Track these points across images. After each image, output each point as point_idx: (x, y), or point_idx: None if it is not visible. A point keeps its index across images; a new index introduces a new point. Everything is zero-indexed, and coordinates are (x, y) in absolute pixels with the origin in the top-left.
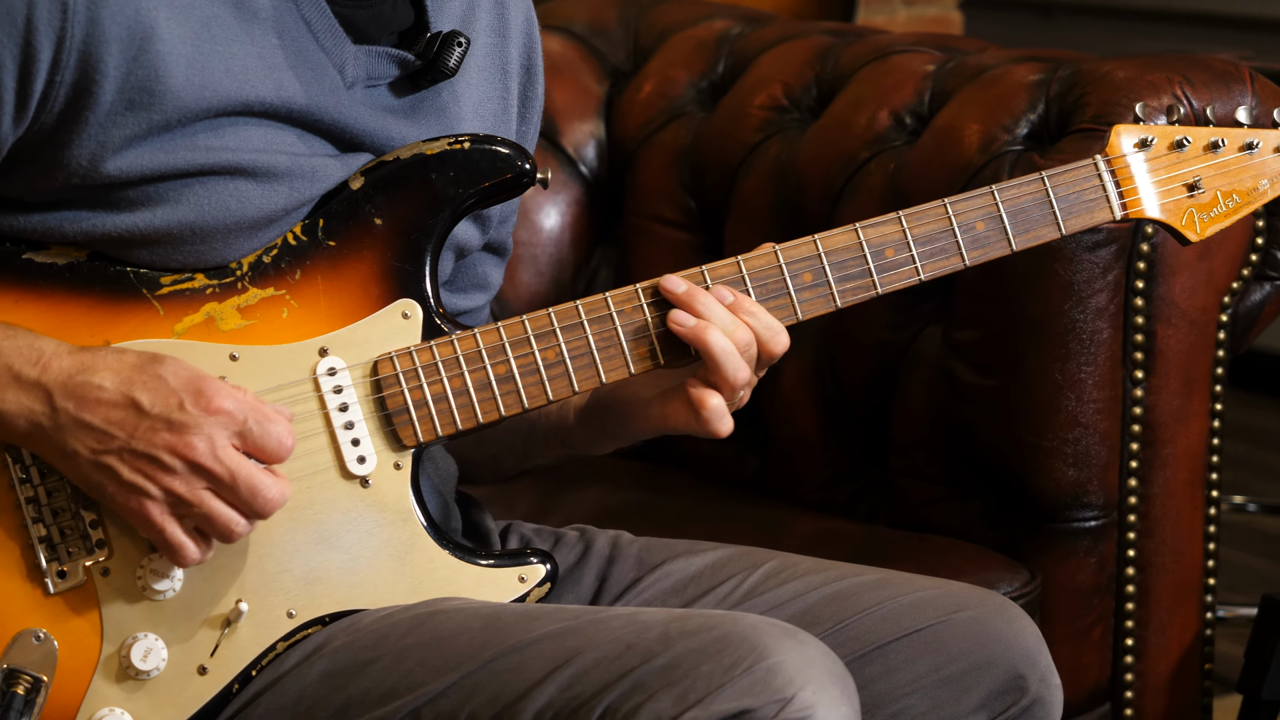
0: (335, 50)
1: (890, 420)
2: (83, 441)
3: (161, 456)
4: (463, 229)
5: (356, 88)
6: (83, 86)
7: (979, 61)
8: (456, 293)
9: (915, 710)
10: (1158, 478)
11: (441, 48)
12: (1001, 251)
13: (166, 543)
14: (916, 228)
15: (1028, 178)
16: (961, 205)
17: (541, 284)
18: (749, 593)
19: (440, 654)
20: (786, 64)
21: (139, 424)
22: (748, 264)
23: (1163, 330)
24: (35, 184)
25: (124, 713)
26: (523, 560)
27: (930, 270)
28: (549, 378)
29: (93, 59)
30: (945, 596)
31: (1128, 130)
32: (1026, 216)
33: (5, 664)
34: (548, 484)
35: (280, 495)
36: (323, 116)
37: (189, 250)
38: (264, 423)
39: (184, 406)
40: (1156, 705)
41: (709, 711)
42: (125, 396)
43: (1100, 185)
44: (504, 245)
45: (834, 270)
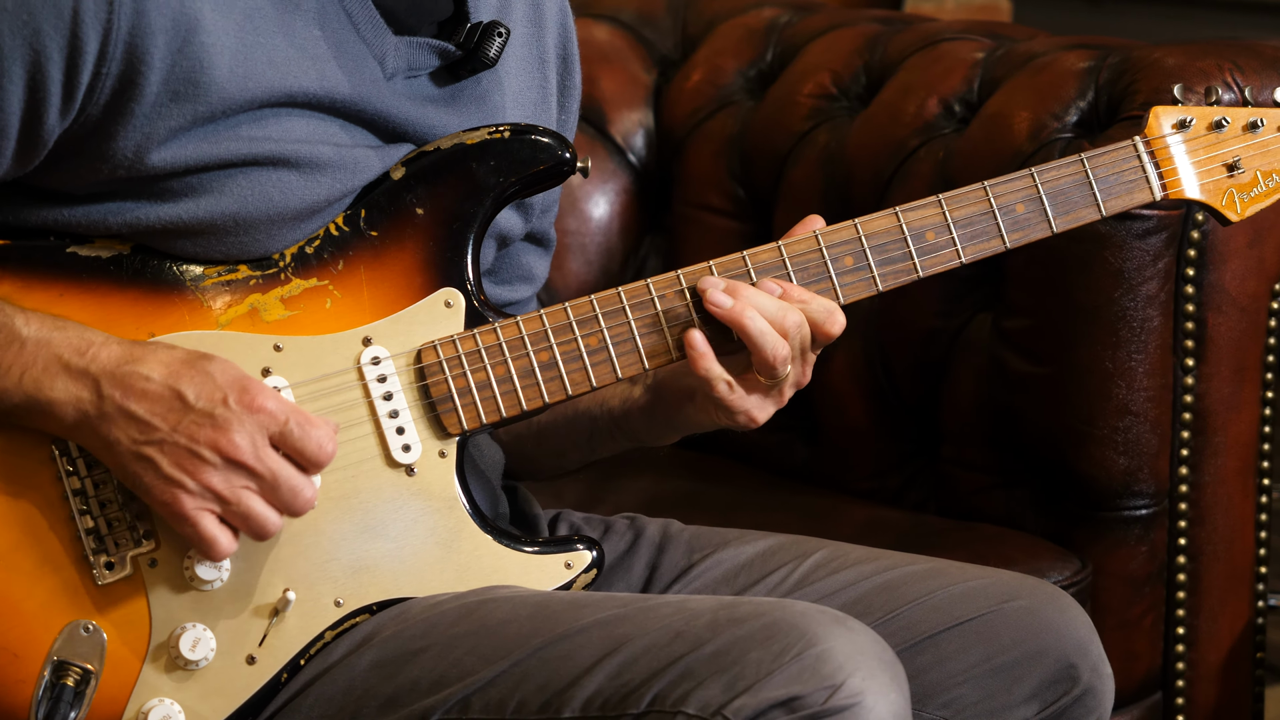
0: (376, 41)
1: (940, 409)
2: (125, 431)
3: (202, 451)
4: (505, 217)
5: (397, 78)
6: (128, 78)
7: (1028, 49)
8: (501, 284)
9: (967, 700)
10: (1209, 466)
11: (482, 38)
12: (1042, 233)
13: (199, 536)
14: (956, 210)
15: (1067, 159)
16: (1001, 187)
17: (590, 273)
18: (800, 582)
19: (489, 642)
20: (835, 52)
21: (182, 417)
22: (788, 249)
23: (1213, 318)
24: (80, 175)
25: (174, 703)
26: (569, 547)
27: (971, 252)
28: (592, 364)
29: (139, 51)
30: (996, 586)
31: (1166, 111)
32: (1066, 198)
33: (55, 656)
34: (597, 473)
35: (314, 496)
36: (365, 107)
37: (232, 241)
38: (306, 427)
39: (228, 403)
40: (1208, 694)
41: (758, 698)
42: (171, 389)
43: (1140, 166)
44: (547, 236)
45: (874, 253)
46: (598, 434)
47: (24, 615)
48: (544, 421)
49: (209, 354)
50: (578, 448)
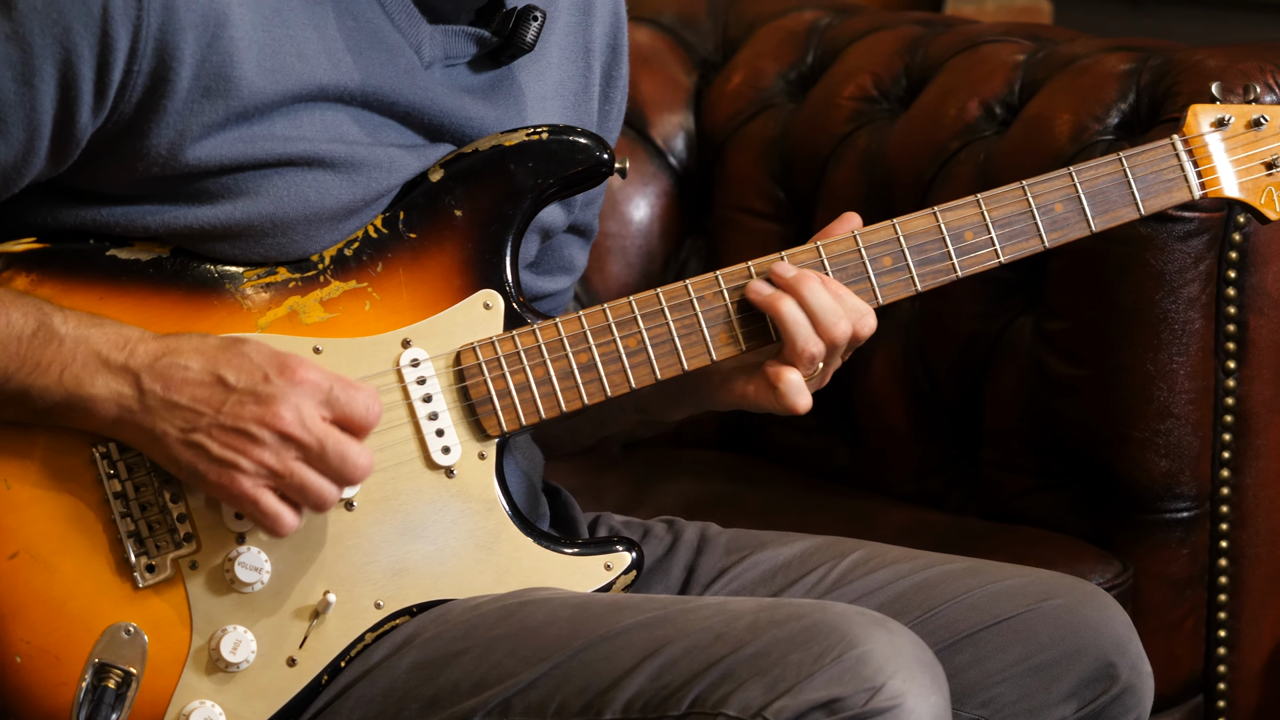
0: (411, 30)
1: (981, 411)
2: (171, 422)
3: (250, 429)
4: (547, 212)
5: (434, 67)
6: (160, 75)
7: (1069, 51)
8: (542, 275)
9: (1005, 699)
10: (1250, 468)
11: (518, 23)
12: (1081, 232)
13: (262, 513)
14: (995, 210)
15: (1105, 159)
16: (1040, 187)
17: (631, 275)
18: (837, 581)
19: (530, 644)
20: (876, 55)
21: (226, 399)
22: (827, 249)
23: (1255, 320)
24: (117, 174)
25: (215, 705)
26: (608, 548)
27: (1010, 252)
28: (631, 365)
29: (169, 47)
30: (1035, 584)
31: (1204, 110)
32: (1105, 197)
33: (96, 658)
34: (636, 475)
35: (369, 462)
36: (399, 98)
37: (270, 243)
38: (349, 390)
39: (269, 379)
40: (1250, 697)
41: (798, 700)
42: (211, 374)
43: (1178, 165)
44: (589, 227)
45: (913, 254)
46: (609, 409)
47: (65, 618)
48: None
49: (242, 336)
50: (590, 422)
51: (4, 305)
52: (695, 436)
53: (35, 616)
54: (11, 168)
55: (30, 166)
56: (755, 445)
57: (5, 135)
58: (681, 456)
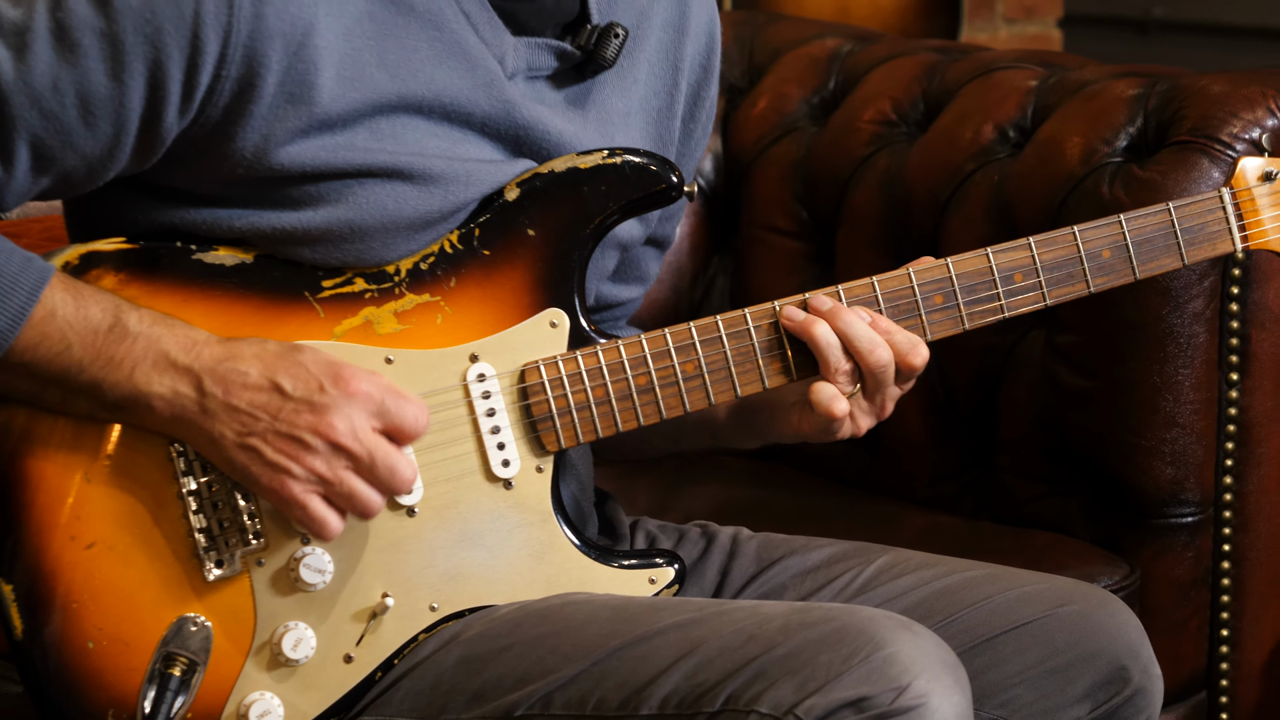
0: (495, 42)
1: (995, 421)
2: (229, 425)
3: (304, 436)
4: (624, 227)
5: (517, 79)
6: (248, 81)
7: (1079, 77)
8: (618, 284)
9: (1023, 700)
10: (1252, 475)
11: (600, 39)
12: (1125, 280)
13: (309, 517)
14: (1046, 254)
15: (1154, 208)
16: (1090, 233)
17: (661, 291)
18: (864, 586)
19: (571, 642)
20: (895, 80)
21: (282, 406)
22: (882, 284)
23: (1257, 334)
24: (203, 174)
25: (274, 697)
26: (652, 562)
27: (1056, 296)
28: (687, 390)
29: (257, 54)
30: (1051, 591)
31: (1253, 162)
32: (1151, 246)
33: (164, 647)
34: (668, 480)
35: (414, 474)
36: (476, 109)
37: (348, 249)
38: (400, 402)
39: (324, 389)
40: (1251, 694)
41: (828, 699)
42: (269, 381)
43: (1224, 217)
44: (668, 239)
45: (964, 294)
46: (685, 430)
47: (137, 607)
48: None
49: (300, 344)
50: (663, 439)
51: (84, 299)
52: None
53: (109, 605)
54: (97, 160)
55: (115, 161)
56: (781, 452)
57: (93, 128)
58: (709, 462)
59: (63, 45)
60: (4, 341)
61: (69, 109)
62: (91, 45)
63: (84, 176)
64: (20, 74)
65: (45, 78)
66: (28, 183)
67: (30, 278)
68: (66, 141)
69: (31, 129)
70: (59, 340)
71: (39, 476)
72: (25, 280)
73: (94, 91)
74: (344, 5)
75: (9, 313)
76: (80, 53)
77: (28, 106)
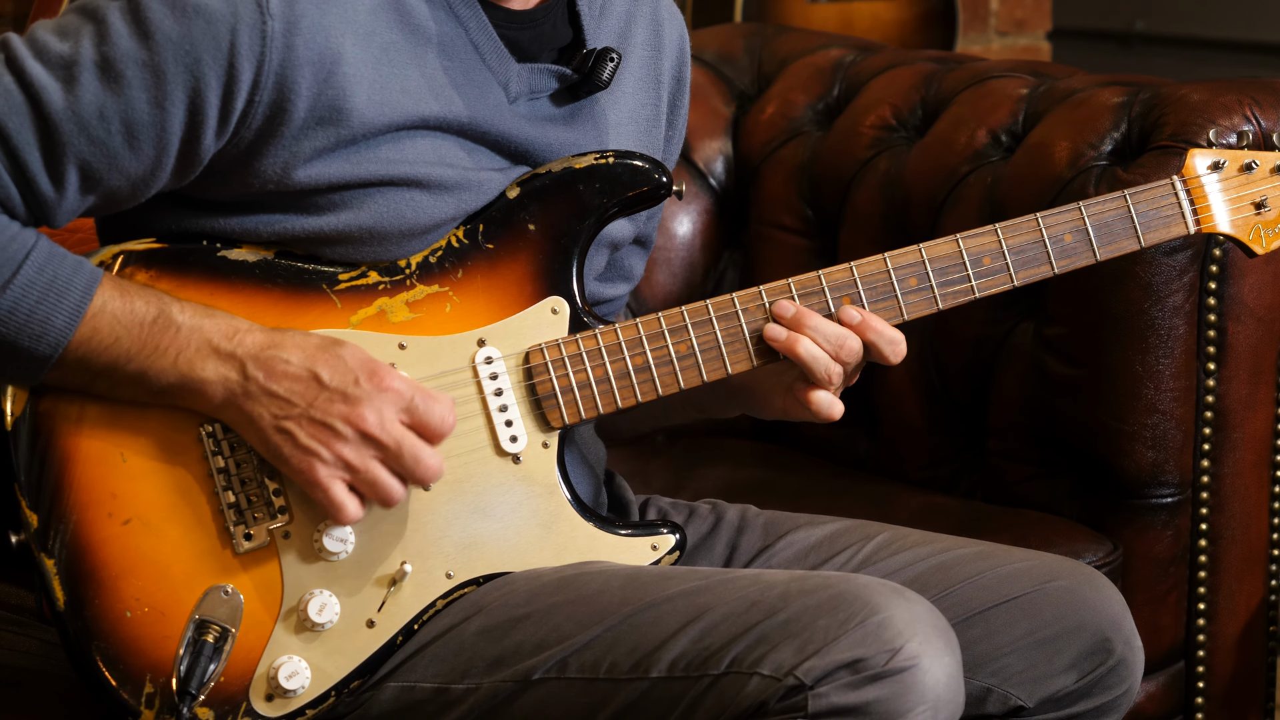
0: (501, 69)
1: (987, 407)
2: (267, 408)
3: (336, 425)
4: (615, 227)
5: (520, 101)
6: (279, 106)
7: (1068, 85)
8: (605, 283)
9: (1013, 669)
10: (1228, 459)
11: (596, 63)
12: (1087, 261)
13: (331, 501)
14: (1011, 239)
15: (1111, 195)
16: (1052, 219)
17: (675, 284)
18: (864, 561)
19: (585, 610)
20: (895, 88)
21: (319, 395)
22: (859, 269)
23: (1233, 327)
24: (232, 188)
25: (301, 660)
26: (655, 531)
27: (1023, 277)
28: (680, 368)
29: (288, 81)
30: (1040, 567)
31: (1202, 153)
32: (1110, 230)
33: (198, 615)
34: (679, 462)
35: (439, 467)
36: (489, 129)
37: (367, 250)
38: (429, 401)
39: (359, 383)
40: (1226, 664)
41: (826, 660)
42: (309, 371)
43: (1176, 203)
44: (650, 238)
45: (936, 276)
46: (671, 404)
47: (171, 578)
48: None
49: (340, 339)
50: (651, 416)
51: (129, 294)
52: (731, 427)
53: (145, 576)
54: (140, 179)
55: (157, 180)
56: (785, 435)
57: (137, 150)
58: (719, 445)
59: (108, 76)
60: (63, 338)
61: (114, 135)
62: (135, 76)
63: (128, 195)
64: (69, 104)
65: (92, 106)
66: (76, 202)
67: (83, 279)
68: (112, 165)
69: (80, 154)
70: (109, 334)
71: (79, 458)
72: (79, 281)
73: (137, 118)
74: (371, 38)
75: (66, 311)
76: (124, 83)
77: (76, 133)
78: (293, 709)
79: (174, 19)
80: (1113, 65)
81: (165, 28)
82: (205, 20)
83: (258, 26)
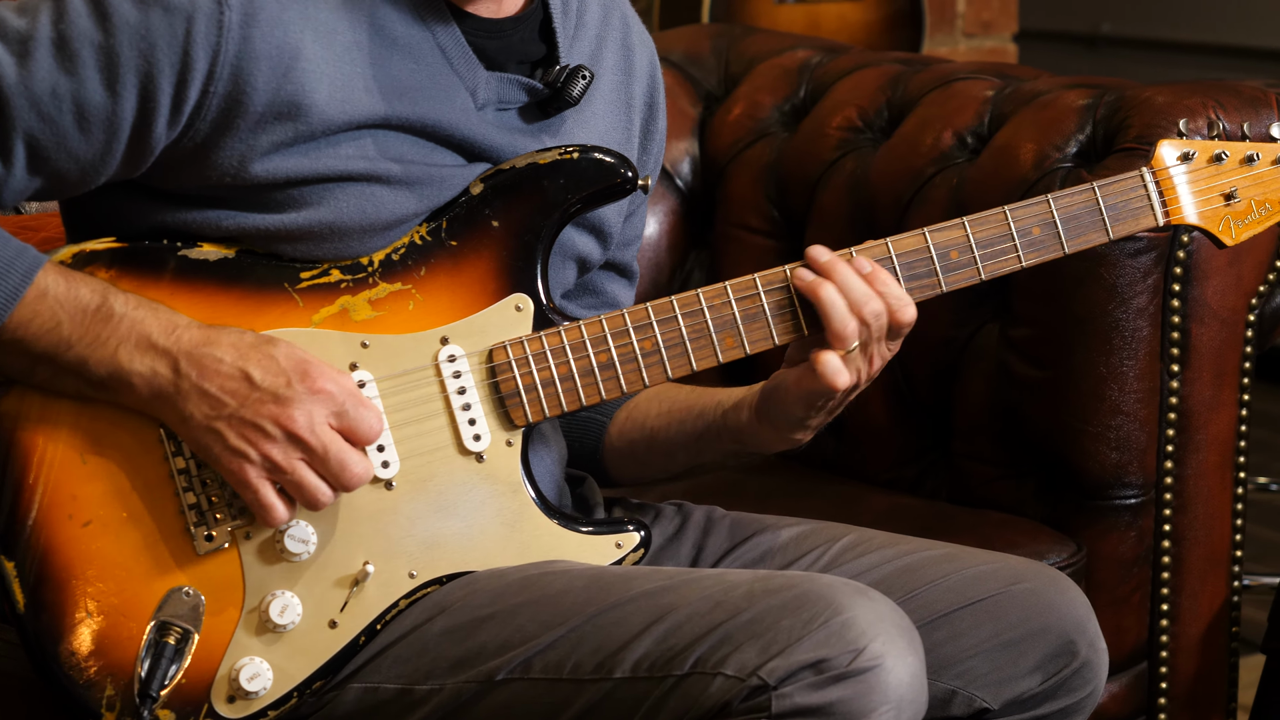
0: (468, 75)
1: (952, 408)
2: (199, 407)
3: (265, 425)
4: (582, 241)
5: (488, 109)
6: (234, 98)
7: (1033, 87)
8: (589, 310)
9: (978, 671)
10: (1191, 460)
11: (568, 79)
12: (1055, 254)
13: (259, 502)
14: (979, 232)
15: (1080, 187)
16: (1020, 212)
17: (642, 284)
18: (830, 563)
19: (549, 610)
20: (861, 90)
21: (249, 395)
22: None
23: (1196, 328)
24: (191, 180)
25: (263, 661)
26: (620, 528)
27: (990, 270)
28: (645, 365)
29: (244, 73)
30: (1005, 570)
31: (1171, 144)
32: (1078, 222)
33: (159, 616)
34: None
35: (365, 472)
36: (453, 132)
37: (329, 247)
38: (359, 407)
39: (290, 384)
40: (1189, 664)
41: (789, 661)
42: (240, 370)
43: (1145, 194)
44: (629, 268)
45: (903, 270)
46: (708, 436)
47: (132, 580)
48: (658, 426)
49: (275, 338)
50: (686, 450)
51: (74, 281)
52: None
53: (106, 578)
54: (89, 163)
55: (107, 166)
56: None
57: (87, 133)
58: None
59: (63, 55)
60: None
61: (65, 114)
62: (89, 57)
63: (77, 179)
64: (22, 79)
65: (45, 84)
66: (24, 181)
67: (25, 262)
68: (61, 144)
69: (29, 130)
70: (49, 318)
71: (40, 460)
72: (20, 264)
73: (89, 100)
74: (334, 35)
75: (5, 291)
76: (79, 63)
77: (27, 109)
78: (254, 710)
79: (133, 4)
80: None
81: (123, 12)
82: (163, 9)
83: (214, 17)
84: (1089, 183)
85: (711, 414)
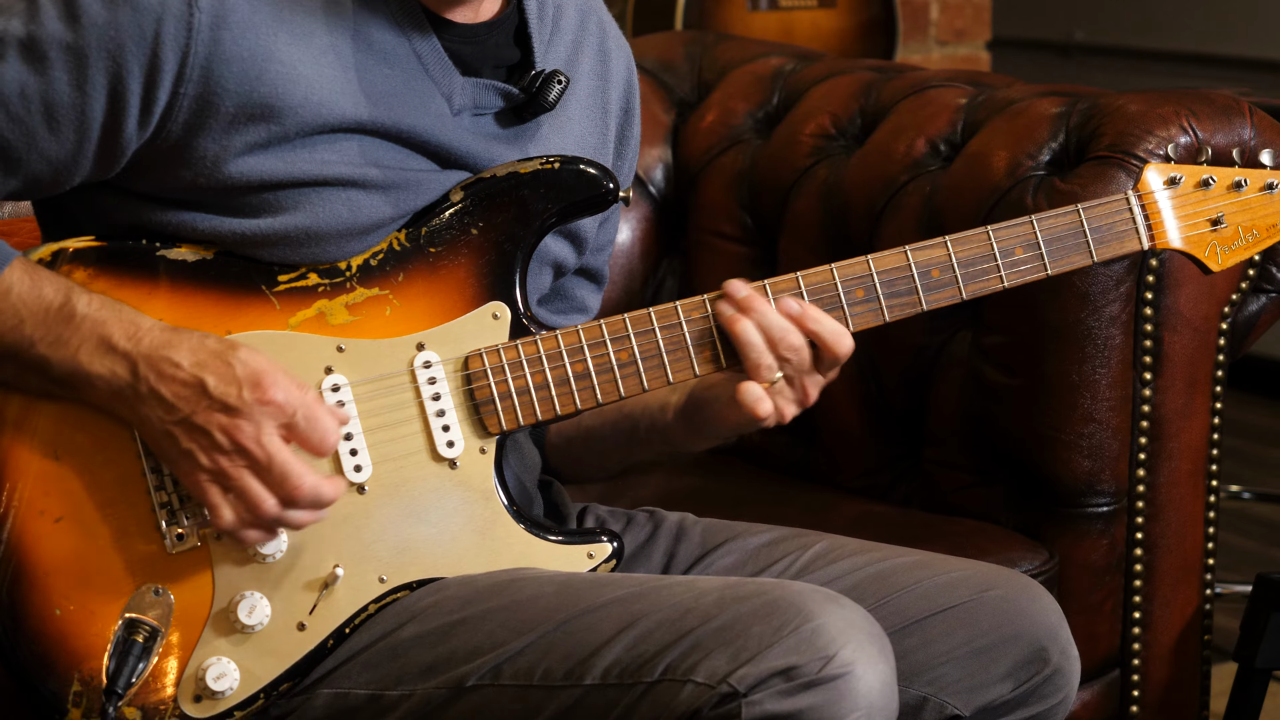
0: (444, 81)
1: (925, 415)
2: (154, 410)
3: (214, 434)
4: (559, 247)
5: (463, 115)
6: (205, 99)
7: (1006, 95)
8: (557, 314)
9: (949, 678)
10: (1163, 468)
11: (543, 84)
12: (1038, 275)
13: (209, 505)
14: (961, 251)
15: (1065, 209)
16: (1004, 232)
17: (614, 291)
18: (801, 570)
19: (519, 616)
20: (834, 97)
21: (200, 402)
22: (806, 279)
23: (1169, 337)
24: (166, 181)
25: (230, 661)
26: (592, 538)
27: (971, 291)
28: (621, 376)
29: (214, 75)
30: (977, 576)
31: (1158, 168)
32: (1062, 244)
33: (128, 614)
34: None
35: (312, 486)
36: (429, 138)
37: (305, 251)
38: (312, 419)
39: (241, 394)
40: (1161, 672)
41: (759, 668)
42: (195, 377)
43: (1131, 218)
44: (600, 273)
45: (884, 288)
46: (637, 436)
47: (102, 577)
48: (592, 424)
49: (238, 344)
50: (619, 449)
51: (38, 278)
52: None
53: (75, 575)
54: (61, 164)
55: (79, 167)
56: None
57: (57, 133)
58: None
59: (32, 56)
60: None
61: (34, 114)
62: (58, 58)
63: (50, 180)
64: None
65: (14, 84)
66: None
67: None
68: (32, 145)
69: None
70: (12, 315)
71: (12, 456)
72: None
73: (58, 100)
74: (309, 39)
75: None
76: (48, 64)
77: None
78: (220, 710)
79: (102, 5)
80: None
81: (93, 13)
82: (132, 9)
83: (184, 18)
84: (1074, 204)
85: (640, 416)
